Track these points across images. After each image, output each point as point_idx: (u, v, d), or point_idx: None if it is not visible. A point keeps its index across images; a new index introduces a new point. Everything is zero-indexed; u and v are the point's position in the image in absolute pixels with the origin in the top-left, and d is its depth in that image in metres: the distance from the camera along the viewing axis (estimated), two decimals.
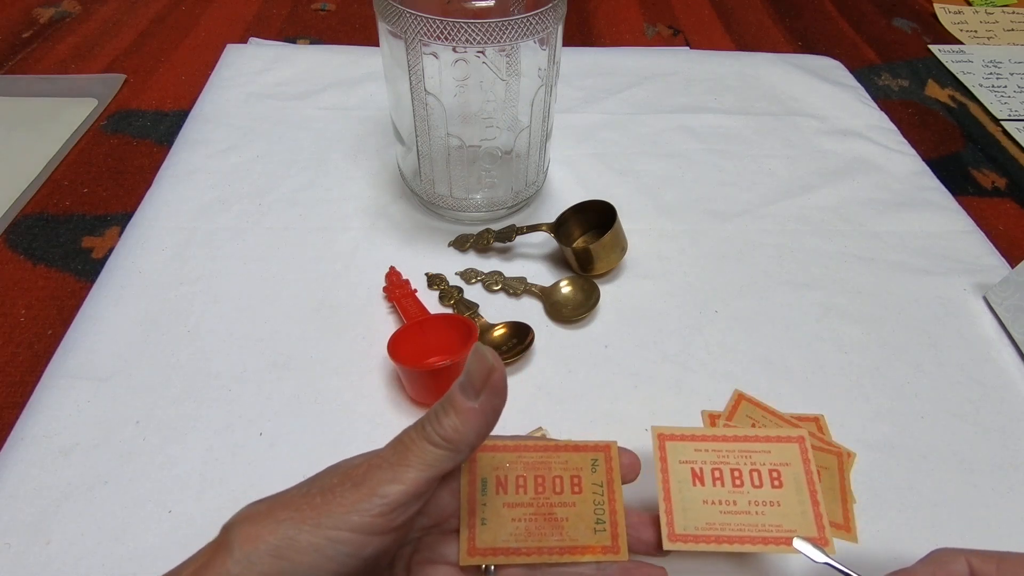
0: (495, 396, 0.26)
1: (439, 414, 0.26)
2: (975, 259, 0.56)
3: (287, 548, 0.24)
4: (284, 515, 0.24)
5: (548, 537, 0.30)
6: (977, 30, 0.91)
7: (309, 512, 0.24)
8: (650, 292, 0.51)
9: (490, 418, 0.27)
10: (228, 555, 0.23)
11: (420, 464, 0.26)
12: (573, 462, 0.32)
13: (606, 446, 0.32)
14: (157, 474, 0.39)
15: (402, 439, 0.27)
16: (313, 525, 0.24)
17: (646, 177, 0.62)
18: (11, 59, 0.74)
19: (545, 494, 0.31)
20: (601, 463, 0.32)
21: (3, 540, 0.36)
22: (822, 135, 0.68)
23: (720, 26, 0.88)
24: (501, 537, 0.30)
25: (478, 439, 0.27)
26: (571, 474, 0.31)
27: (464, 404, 0.26)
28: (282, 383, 0.44)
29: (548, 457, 0.32)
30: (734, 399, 0.45)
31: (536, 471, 0.31)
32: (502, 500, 0.30)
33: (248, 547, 0.24)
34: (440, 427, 0.26)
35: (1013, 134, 0.72)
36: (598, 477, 0.31)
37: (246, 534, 0.24)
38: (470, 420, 0.26)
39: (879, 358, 0.48)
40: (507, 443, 0.32)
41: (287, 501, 0.25)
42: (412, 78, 0.45)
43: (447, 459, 0.26)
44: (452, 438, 0.26)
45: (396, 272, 0.51)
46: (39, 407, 0.42)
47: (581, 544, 0.30)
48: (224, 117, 0.65)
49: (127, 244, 0.52)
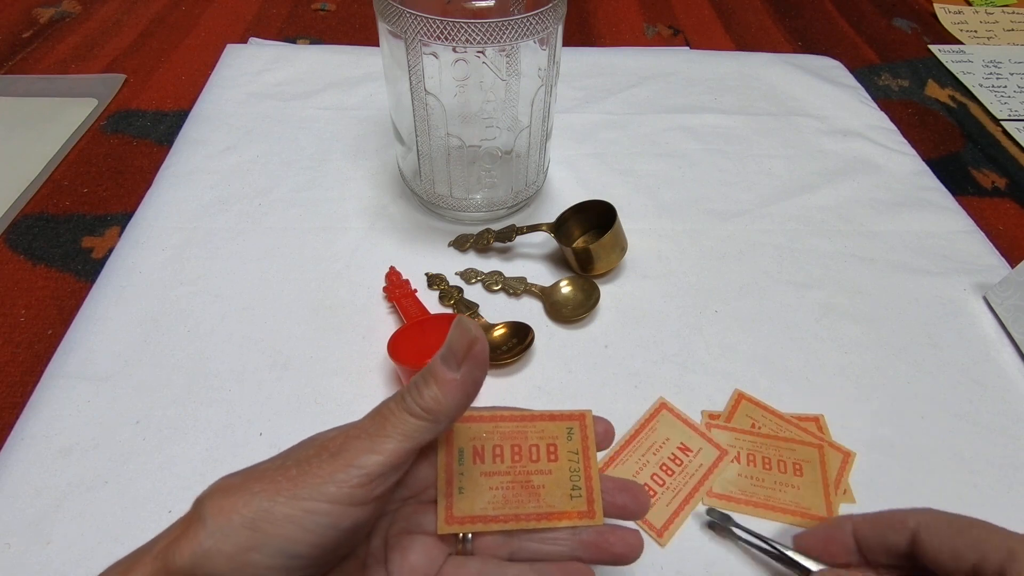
0: (476, 368, 0.26)
1: (419, 385, 0.26)
2: (975, 259, 0.56)
3: (262, 520, 0.23)
4: (259, 487, 0.24)
5: (525, 504, 0.30)
6: (977, 30, 0.91)
7: (285, 484, 0.24)
8: (650, 292, 0.51)
9: (470, 390, 0.27)
10: (201, 527, 0.23)
11: (399, 435, 0.25)
12: (549, 431, 0.32)
13: (581, 415, 0.32)
14: (157, 474, 0.39)
15: (381, 410, 0.26)
16: (289, 496, 0.24)
17: (646, 177, 0.62)
18: (11, 59, 0.74)
19: (522, 462, 0.31)
20: (576, 431, 0.32)
21: (3, 540, 0.36)
22: (822, 135, 0.68)
23: (720, 26, 0.88)
24: (479, 505, 0.30)
25: (458, 410, 0.27)
26: (547, 442, 0.32)
27: (445, 375, 0.26)
28: (282, 383, 0.44)
29: (524, 427, 0.32)
30: (734, 399, 0.45)
31: (513, 440, 0.31)
32: (479, 469, 0.30)
33: (221, 519, 0.23)
34: (420, 398, 0.26)
35: (1013, 134, 0.72)
36: (573, 445, 0.32)
37: (219, 506, 0.24)
38: (451, 391, 0.26)
39: (879, 358, 0.48)
40: (483, 414, 0.32)
41: (261, 473, 0.25)
42: (412, 78, 0.45)
43: (427, 430, 0.26)
44: (432, 409, 0.26)
45: (396, 272, 0.51)
46: (39, 407, 0.42)
47: (558, 510, 0.30)
48: (224, 117, 0.65)
49: (127, 244, 0.52)
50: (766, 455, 0.41)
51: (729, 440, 0.42)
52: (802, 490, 0.40)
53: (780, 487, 0.40)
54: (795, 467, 0.41)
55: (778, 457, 0.41)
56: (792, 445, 0.42)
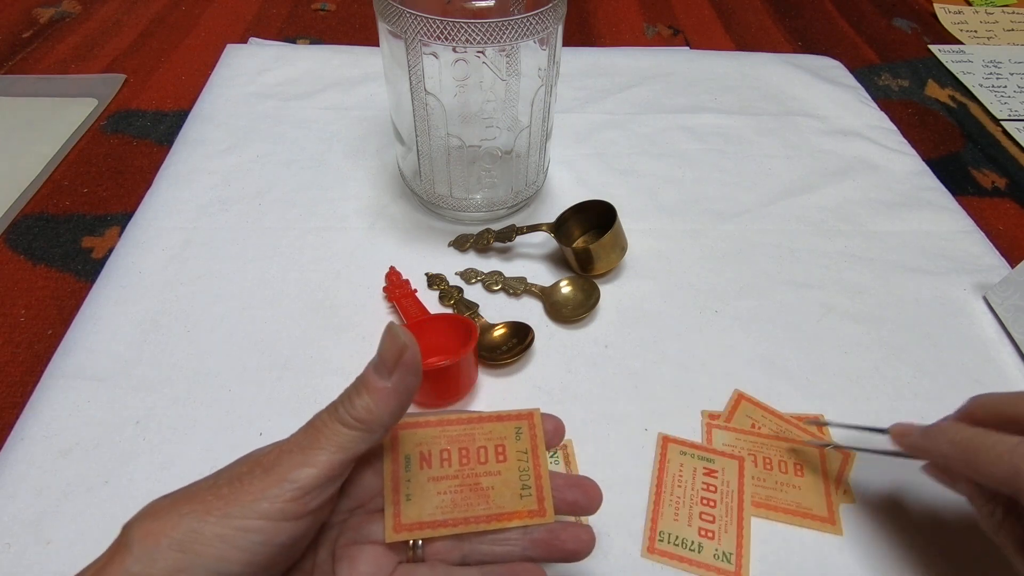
0: (408, 375, 0.26)
1: (351, 395, 0.26)
2: (975, 259, 0.56)
3: (191, 541, 0.23)
4: (188, 508, 0.24)
5: (475, 507, 0.30)
6: (977, 30, 0.91)
7: (215, 503, 0.24)
8: (650, 292, 0.51)
9: (403, 398, 0.26)
10: (128, 553, 0.23)
11: (332, 446, 0.25)
12: (497, 431, 0.32)
13: (529, 414, 0.32)
14: (157, 474, 0.39)
15: (314, 422, 0.26)
16: (220, 516, 0.23)
17: (646, 177, 0.62)
18: (11, 59, 0.74)
19: (470, 465, 0.31)
20: (525, 430, 0.32)
21: (3, 540, 0.36)
22: (822, 135, 0.68)
23: (720, 26, 0.88)
24: (427, 511, 0.29)
25: (392, 419, 0.26)
26: (495, 443, 0.31)
27: (377, 383, 0.26)
28: (282, 383, 0.44)
29: (472, 429, 0.32)
30: (734, 399, 0.45)
31: (460, 443, 0.31)
32: (427, 475, 0.30)
33: (149, 542, 0.23)
34: (352, 408, 0.26)
35: (1013, 134, 0.72)
36: (522, 444, 0.32)
37: (146, 530, 0.23)
38: (383, 400, 0.26)
39: (879, 358, 0.48)
40: (430, 419, 0.31)
41: (192, 494, 0.24)
42: (412, 78, 0.45)
43: (360, 440, 0.26)
44: (365, 419, 0.26)
45: (396, 272, 0.51)
46: (39, 407, 0.42)
47: (508, 510, 0.30)
48: (224, 117, 0.65)
49: (127, 244, 0.52)
50: (767, 455, 0.41)
51: (729, 440, 0.42)
52: (803, 490, 0.40)
53: (781, 487, 0.40)
54: (796, 467, 0.41)
55: (779, 457, 0.41)
56: (793, 445, 0.42)
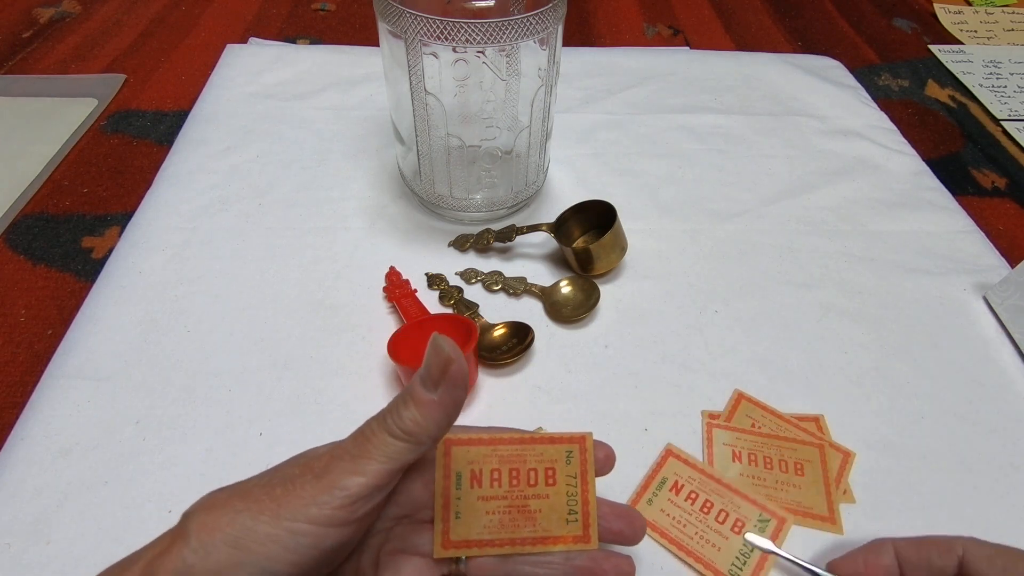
0: (454, 388, 0.26)
1: (399, 406, 0.26)
2: (975, 259, 0.56)
3: (245, 538, 0.23)
4: (242, 505, 0.24)
5: (521, 528, 0.30)
6: (977, 30, 0.91)
7: (268, 503, 0.24)
8: (650, 292, 0.51)
9: (450, 410, 0.26)
10: (185, 544, 0.23)
11: (381, 456, 0.25)
12: (548, 454, 0.32)
13: (581, 438, 0.32)
14: (157, 474, 0.39)
15: (363, 430, 0.27)
16: (272, 516, 0.24)
17: (646, 177, 0.62)
18: (11, 59, 0.74)
19: (519, 486, 0.31)
20: (576, 455, 0.32)
21: (3, 540, 0.36)
22: (822, 135, 0.68)
23: (720, 26, 0.88)
24: (475, 530, 0.30)
25: (439, 431, 0.27)
26: (545, 466, 0.32)
27: (423, 396, 0.26)
28: (282, 383, 0.44)
29: (523, 450, 0.32)
30: (734, 399, 0.45)
31: (511, 464, 0.31)
32: (476, 494, 0.31)
33: (205, 536, 0.23)
34: (400, 419, 0.26)
35: (1013, 134, 0.72)
36: (572, 469, 0.32)
37: (203, 523, 0.24)
38: (430, 413, 0.26)
39: (879, 358, 0.48)
40: (482, 436, 0.32)
41: (247, 491, 0.25)
42: (412, 78, 0.45)
43: (408, 451, 0.26)
44: (412, 431, 0.26)
45: (396, 272, 0.51)
46: (39, 407, 0.42)
47: (553, 534, 0.30)
48: (224, 117, 0.65)
49: (127, 244, 0.52)
50: (767, 455, 0.41)
51: (729, 440, 0.42)
52: (803, 489, 0.40)
53: (782, 486, 0.40)
54: (796, 467, 0.41)
55: (779, 457, 0.41)
56: (793, 445, 0.42)
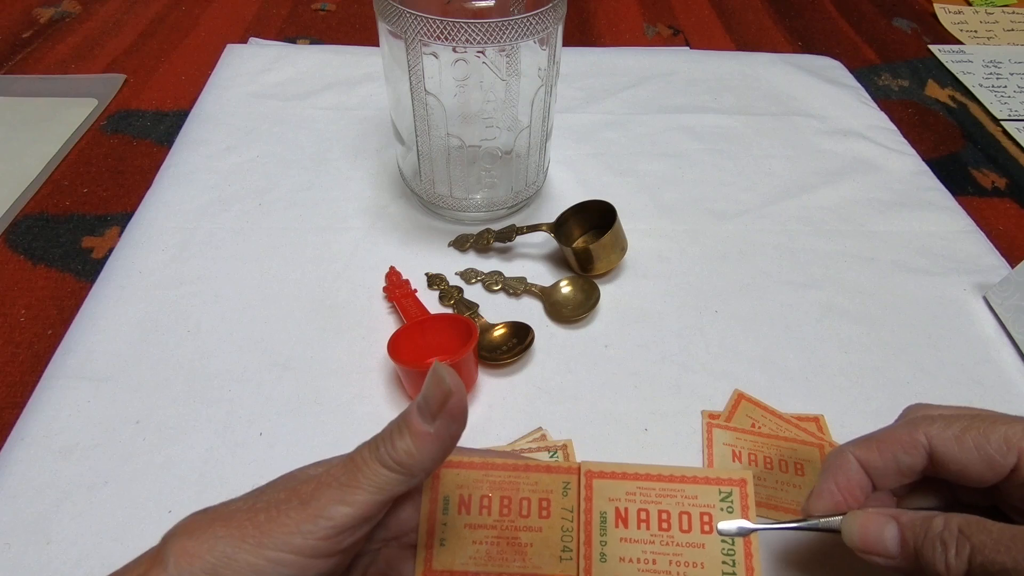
0: (452, 422, 0.25)
1: (394, 436, 0.25)
2: (975, 259, 0.56)
3: (224, 567, 0.23)
4: (224, 531, 0.23)
5: (509, 563, 0.28)
6: (977, 30, 0.91)
7: (251, 530, 0.23)
8: (650, 292, 0.51)
9: (446, 444, 0.25)
10: (163, 570, 0.23)
11: (371, 487, 0.24)
12: (543, 484, 0.30)
13: (577, 468, 0.30)
14: (157, 474, 0.39)
15: (354, 457, 0.25)
16: (254, 544, 0.23)
17: (646, 177, 0.62)
18: (11, 59, 0.74)
19: (510, 516, 0.29)
20: (573, 487, 0.30)
21: (3, 540, 0.36)
22: (822, 135, 0.68)
23: (720, 26, 0.88)
24: (460, 560, 0.28)
25: (433, 464, 0.25)
26: (540, 496, 0.30)
27: (419, 427, 0.25)
28: (282, 383, 0.44)
29: (517, 477, 0.30)
30: (734, 399, 0.45)
31: (503, 491, 0.30)
32: (464, 521, 0.29)
33: (184, 563, 0.23)
34: (393, 449, 0.25)
35: (1013, 134, 0.72)
36: (569, 502, 0.29)
37: (183, 548, 0.23)
38: (424, 445, 0.25)
39: (879, 358, 0.48)
40: (474, 460, 0.30)
41: (230, 515, 0.24)
42: (412, 78, 0.45)
43: (399, 483, 0.25)
44: (405, 462, 0.25)
45: (396, 272, 0.51)
46: (39, 407, 0.42)
47: (544, 572, 0.28)
48: (224, 117, 0.65)
49: (127, 244, 0.52)
50: (767, 455, 0.41)
51: (729, 440, 0.42)
52: (804, 489, 0.40)
53: (782, 486, 0.40)
54: (796, 467, 0.41)
55: (779, 457, 0.41)
56: (793, 445, 0.42)
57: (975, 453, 0.27)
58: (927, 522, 0.26)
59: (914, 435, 0.29)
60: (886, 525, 0.28)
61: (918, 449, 0.28)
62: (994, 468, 0.27)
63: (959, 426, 0.28)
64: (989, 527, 0.25)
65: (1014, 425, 0.27)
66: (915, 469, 0.29)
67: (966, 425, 0.28)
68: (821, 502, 0.30)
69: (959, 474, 0.28)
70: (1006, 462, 0.27)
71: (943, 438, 0.28)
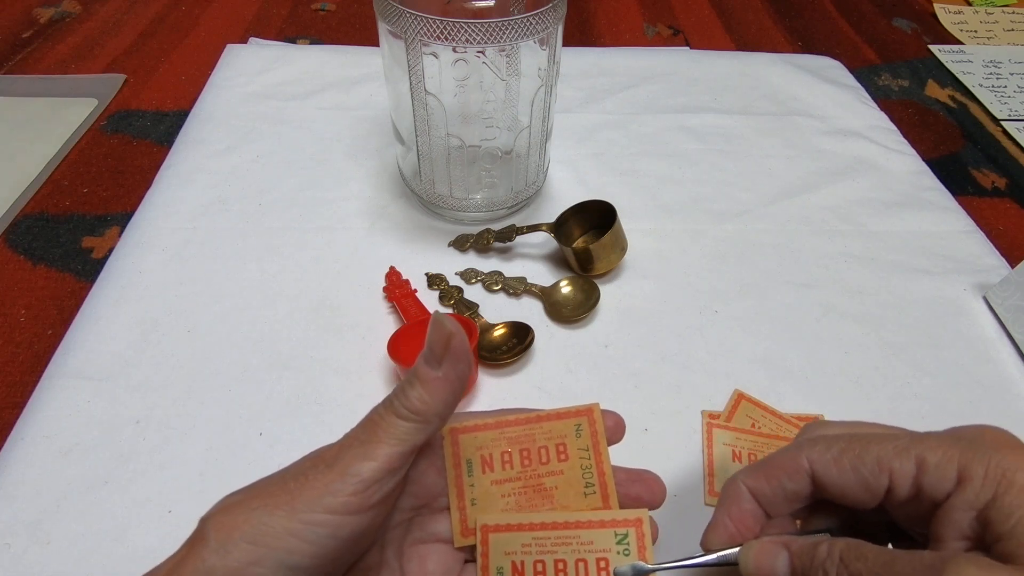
0: (458, 362, 0.26)
1: (405, 387, 0.26)
2: (975, 259, 0.56)
3: (262, 535, 0.24)
4: (257, 503, 0.24)
5: (539, 507, 0.30)
6: (977, 30, 0.91)
7: (283, 497, 0.24)
8: (650, 292, 0.51)
9: (455, 386, 0.27)
10: (204, 546, 0.24)
11: (390, 439, 0.26)
12: (557, 430, 0.31)
13: (588, 409, 0.32)
14: (157, 474, 0.39)
15: (371, 416, 0.27)
16: (287, 510, 0.24)
17: (646, 177, 0.62)
18: (11, 59, 0.74)
19: (532, 466, 0.31)
20: (585, 427, 0.31)
21: (3, 540, 0.36)
22: (822, 135, 0.68)
23: (720, 26, 0.88)
24: (492, 514, 0.30)
25: (447, 408, 0.27)
26: (556, 442, 0.31)
27: (428, 374, 0.26)
28: (282, 383, 0.44)
29: (531, 429, 0.31)
30: (734, 399, 0.45)
31: (521, 444, 0.31)
32: (489, 478, 0.30)
33: (223, 536, 0.24)
34: (407, 400, 0.26)
35: (1013, 134, 0.72)
36: (583, 442, 0.31)
37: (220, 524, 0.24)
38: (436, 390, 0.26)
39: (879, 358, 0.48)
40: (488, 421, 0.32)
41: (261, 489, 0.25)
42: (412, 78, 0.45)
43: (417, 431, 0.26)
44: (420, 409, 0.26)
45: (396, 272, 0.51)
46: (39, 407, 0.42)
47: (572, 508, 0.30)
48: (224, 117, 0.65)
49: (127, 244, 0.52)
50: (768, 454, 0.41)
51: (729, 440, 0.42)
52: None
53: None
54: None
55: None
56: None
57: (851, 475, 0.26)
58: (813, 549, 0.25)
59: (797, 460, 0.27)
60: (778, 555, 0.27)
61: (801, 474, 0.27)
62: (870, 490, 0.26)
63: (838, 448, 0.27)
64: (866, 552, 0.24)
65: (886, 445, 0.26)
66: (801, 495, 0.28)
67: (844, 447, 0.27)
68: (715, 535, 0.29)
69: (841, 497, 0.27)
70: (879, 484, 0.26)
71: (823, 462, 0.27)
